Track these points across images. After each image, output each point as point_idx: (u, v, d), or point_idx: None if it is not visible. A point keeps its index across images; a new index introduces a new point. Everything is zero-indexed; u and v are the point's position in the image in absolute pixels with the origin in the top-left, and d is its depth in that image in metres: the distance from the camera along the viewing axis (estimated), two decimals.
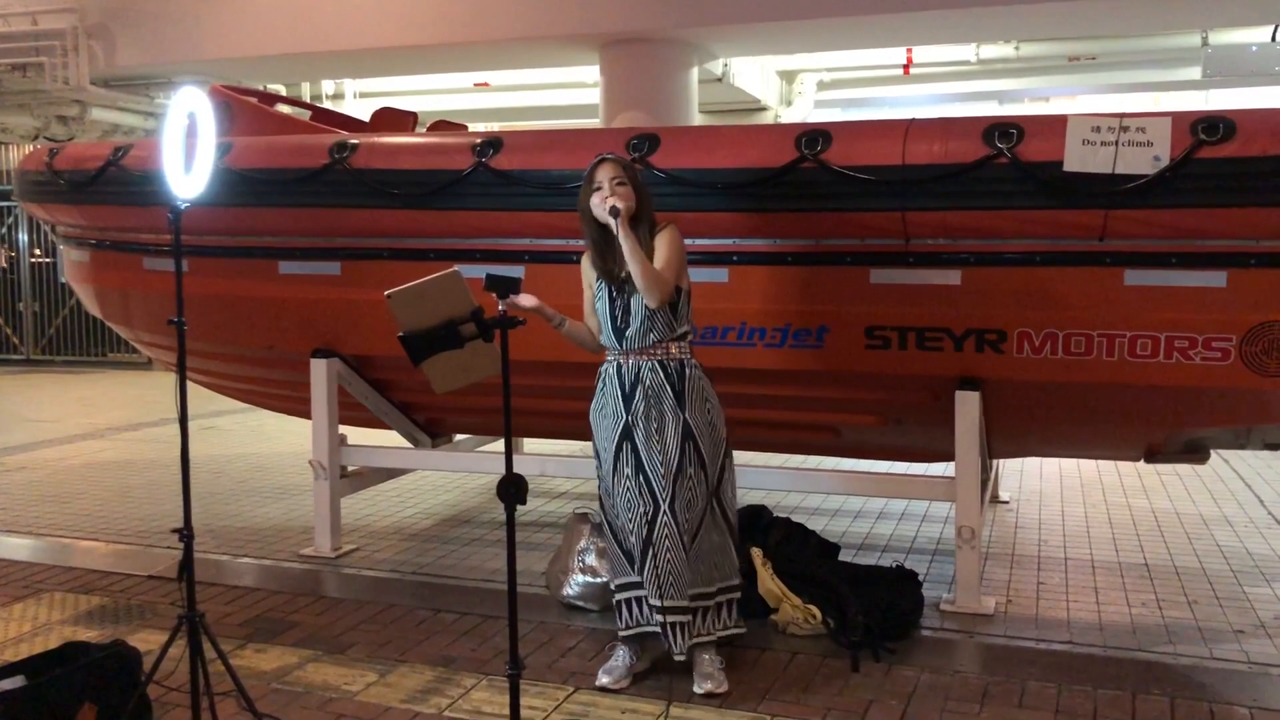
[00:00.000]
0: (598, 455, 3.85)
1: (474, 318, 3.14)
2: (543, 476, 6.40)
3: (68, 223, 5.94)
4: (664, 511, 3.64)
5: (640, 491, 3.67)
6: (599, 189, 3.67)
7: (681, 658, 3.66)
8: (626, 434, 3.70)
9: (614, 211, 3.56)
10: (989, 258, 4.15)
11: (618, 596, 3.82)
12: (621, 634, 3.81)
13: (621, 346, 3.74)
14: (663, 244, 3.70)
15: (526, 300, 3.54)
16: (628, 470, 3.70)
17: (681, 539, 3.65)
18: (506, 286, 3.08)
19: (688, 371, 3.74)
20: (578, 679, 3.79)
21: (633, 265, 3.56)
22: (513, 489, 3.06)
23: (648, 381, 3.70)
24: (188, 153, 3.48)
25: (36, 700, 3.19)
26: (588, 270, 3.86)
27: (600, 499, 3.90)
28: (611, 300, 3.74)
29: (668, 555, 3.64)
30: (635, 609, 3.78)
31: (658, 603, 3.64)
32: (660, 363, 3.70)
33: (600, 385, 3.82)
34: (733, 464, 3.89)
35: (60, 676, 3.28)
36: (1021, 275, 4.12)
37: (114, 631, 4.28)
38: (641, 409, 3.68)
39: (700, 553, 3.70)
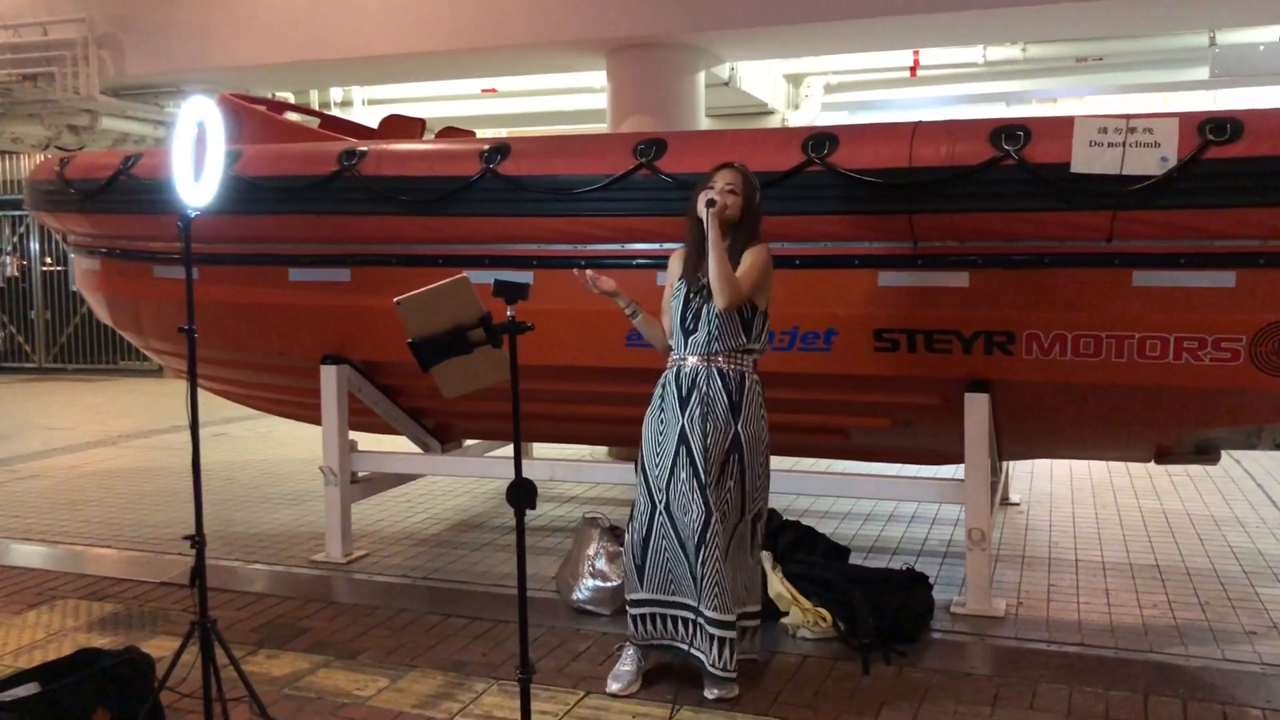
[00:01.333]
0: (640, 459, 3.78)
1: (483, 323, 3.15)
2: (552, 481, 6.42)
3: (79, 231, 5.97)
4: (715, 519, 3.63)
5: (693, 497, 3.65)
6: (710, 188, 3.68)
7: (721, 673, 3.62)
8: (683, 438, 3.67)
9: (710, 203, 3.57)
10: (997, 259, 4.15)
11: (632, 611, 3.79)
12: (636, 643, 3.81)
13: (685, 349, 3.72)
14: (750, 256, 3.67)
15: (606, 283, 3.65)
16: (683, 475, 3.67)
17: (725, 550, 3.64)
18: (515, 292, 3.08)
19: (747, 384, 3.72)
20: (588, 683, 3.80)
21: (712, 259, 3.55)
22: (522, 494, 3.07)
23: (704, 388, 3.66)
24: (197, 161, 3.51)
25: (50, 707, 3.21)
26: (674, 267, 3.85)
27: (633, 509, 3.84)
28: (687, 302, 3.72)
29: (715, 564, 3.62)
30: (649, 624, 3.76)
31: (711, 614, 3.60)
32: (720, 370, 3.68)
33: (659, 391, 3.78)
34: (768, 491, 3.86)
35: (73, 683, 3.29)
36: (1030, 277, 4.12)
37: (127, 638, 4.30)
38: (697, 414, 3.65)
39: (733, 571, 3.69)
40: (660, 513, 3.71)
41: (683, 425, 3.67)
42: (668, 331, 3.81)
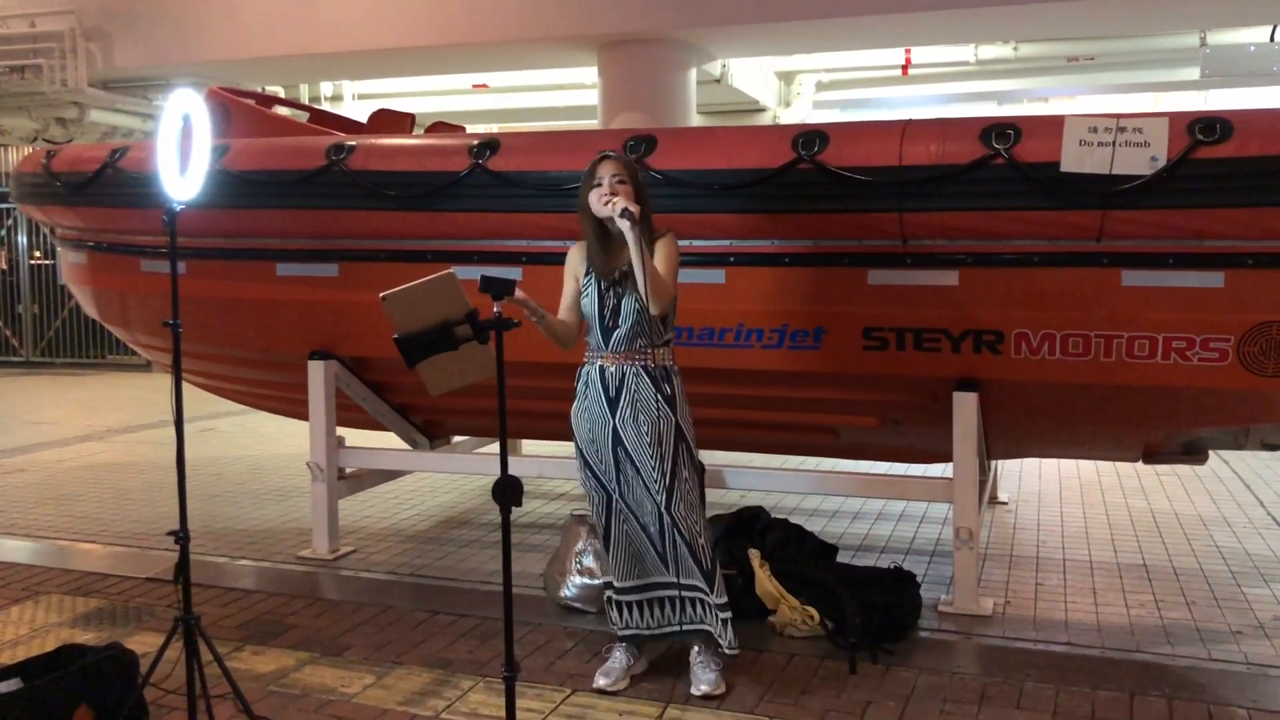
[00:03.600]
0: (581, 455, 3.81)
1: (469, 319, 3.13)
2: (541, 478, 6.40)
3: (65, 225, 5.94)
4: (664, 513, 3.65)
5: (645, 492, 3.67)
6: (599, 185, 3.64)
7: (699, 627, 3.69)
8: (618, 439, 3.68)
9: (627, 215, 3.50)
10: (987, 258, 4.15)
11: (616, 598, 3.82)
12: (620, 634, 3.82)
13: (607, 348, 3.71)
14: (663, 251, 3.68)
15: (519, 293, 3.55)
16: (629, 473, 3.69)
17: (682, 536, 3.66)
18: (501, 288, 3.07)
19: (673, 377, 3.73)
20: (575, 681, 3.79)
21: (640, 272, 3.52)
22: (507, 491, 3.05)
23: (634, 386, 3.67)
24: (183, 155, 3.48)
25: (33, 703, 3.19)
26: (575, 263, 3.82)
27: (590, 499, 3.87)
28: (601, 297, 3.71)
29: (678, 550, 3.67)
30: (631, 611, 3.78)
31: (676, 580, 3.68)
32: (645, 367, 3.68)
33: (583, 388, 3.79)
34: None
35: (57, 679, 3.27)
36: (1019, 276, 4.12)
37: (112, 634, 4.28)
38: (629, 414, 3.66)
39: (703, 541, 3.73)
40: (616, 500, 3.75)
41: (614, 427, 3.68)
42: (574, 327, 3.79)
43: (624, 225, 3.51)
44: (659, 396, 3.67)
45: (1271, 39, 10.94)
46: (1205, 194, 3.80)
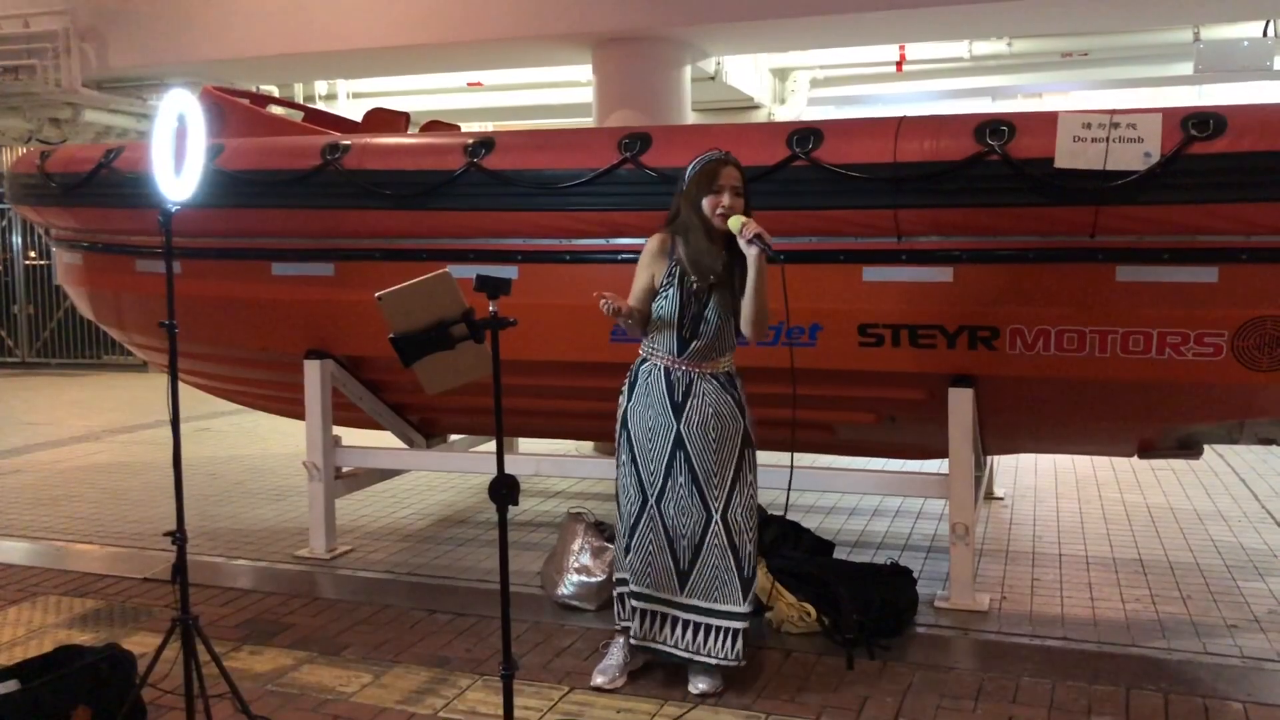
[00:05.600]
0: (631, 450, 3.69)
1: (465, 319, 3.14)
2: (537, 476, 6.41)
3: (60, 225, 5.93)
4: (715, 521, 3.63)
5: (693, 500, 3.63)
6: (717, 192, 3.55)
7: (721, 661, 3.63)
8: (680, 444, 3.62)
9: (760, 243, 3.38)
10: (981, 255, 4.16)
11: (632, 602, 3.72)
12: (621, 623, 3.77)
13: (679, 355, 3.63)
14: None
15: (616, 301, 3.49)
16: (681, 479, 3.64)
17: (731, 543, 3.62)
18: (497, 287, 3.07)
19: (738, 380, 3.72)
20: (573, 678, 3.79)
21: (757, 303, 3.50)
22: (504, 490, 3.05)
23: (703, 394, 3.62)
24: (177, 155, 3.48)
25: (31, 705, 3.19)
26: (655, 258, 3.66)
27: (618, 496, 3.79)
28: (683, 305, 3.60)
29: (714, 563, 3.63)
30: (642, 620, 3.72)
31: (721, 607, 3.62)
32: (713, 374, 3.66)
33: (643, 384, 3.68)
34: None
35: (54, 680, 3.27)
36: (1014, 272, 4.13)
37: (109, 634, 4.28)
38: (697, 420, 3.61)
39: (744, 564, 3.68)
40: (651, 506, 3.69)
41: (678, 430, 3.62)
42: (646, 318, 3.67)
43: (751, 252, 3.44)
44: (729, 401, 3.65)
45: (1265, 34, 10.95)
46: (1199, 189, 3.81)
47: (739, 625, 3.63)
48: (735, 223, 3.49)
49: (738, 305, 3.60)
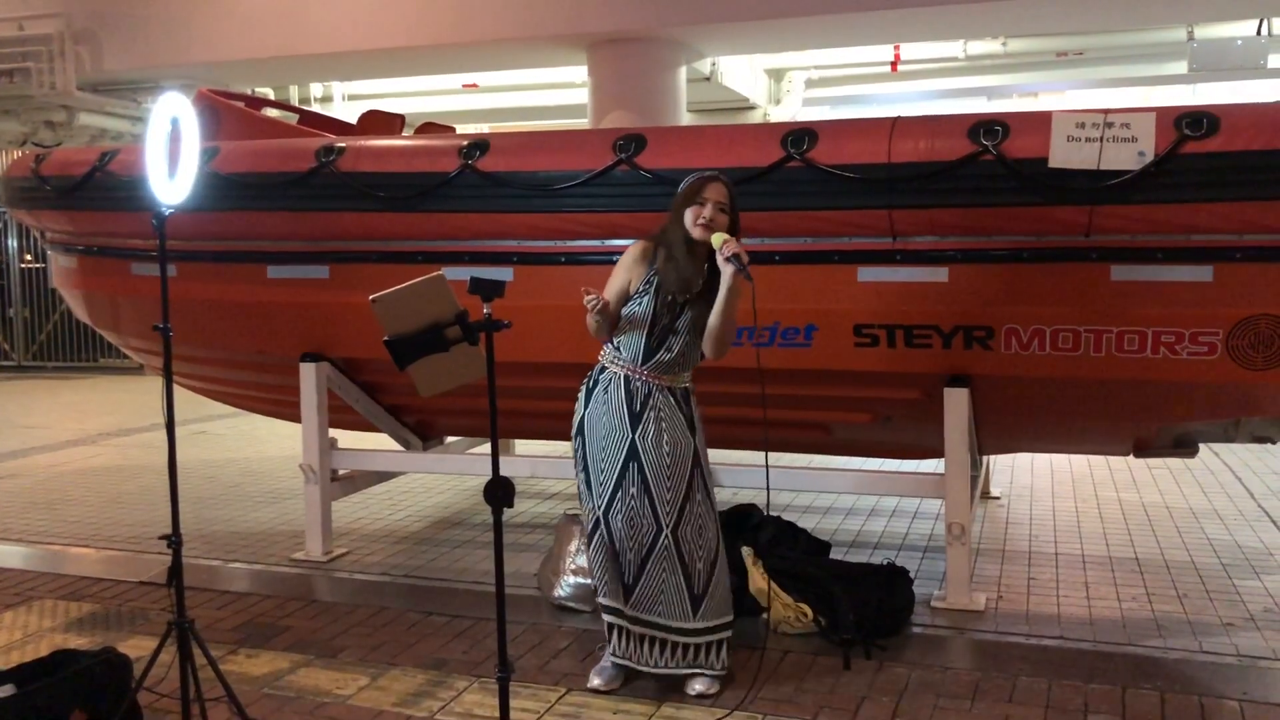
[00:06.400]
0: (584, 460, 3.73)
1: (459, 321, 3.13)
2: (534, 478, 6.40)
3: (55, 228, 5.92)
4: (665, 535, 3.63)
5: (643, 511, 3.63)
6: (700, 204, 3.57)
7: (678, 672, 3.65)
8: (634, 454, 3.63)
9: (737, 263, 3.41)
10: (976, 255, 4.16)
11: (606, 617, 3.73)
12: (614, 658, 3.74)
13: (641, 364, 3.64)
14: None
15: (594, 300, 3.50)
16: (633, 489, 3.64)
17: (682, 561, 3.63)
18: (491, 290, 3.07)
19: (692, 399, 3.74)
20: (570, 680, 3.79)
21: (724, 322, 3.53)
22: (499, 492, 3.05)
23: (660, 406, 3.63)
24: (172, 158, 3.47)
25: (26, 709, 3.18)
26: (634, 264, 3.67)
27: (581, 502, 3.80)
28: (655, 315, 3.61)
29: (662, 577, 3.64)
30: (620, 638, 3.71)
31: (649, 619, 3.64)
32: (671, 389, 3.67)
33: (601, 392, 3.69)
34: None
35: (50, 685, 3.27)
36: (1009, 272, 4.13)
37: (105, 638, 4.27)
38: (652, 432, 3.62)
39: (716, 585, 3.70)
40: (599, 520, 3.69)
41: (633, 441, 3.62)
42: (614, 320, 3.66)
43: (728, 270, 3.46)
44: (682, 421, 3.66)
45: (1258, 33, 10.98)
46: (1193, 188, 3.82)
47: (687, 640, 3.64)
48: (717, 239, 3.52)
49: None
